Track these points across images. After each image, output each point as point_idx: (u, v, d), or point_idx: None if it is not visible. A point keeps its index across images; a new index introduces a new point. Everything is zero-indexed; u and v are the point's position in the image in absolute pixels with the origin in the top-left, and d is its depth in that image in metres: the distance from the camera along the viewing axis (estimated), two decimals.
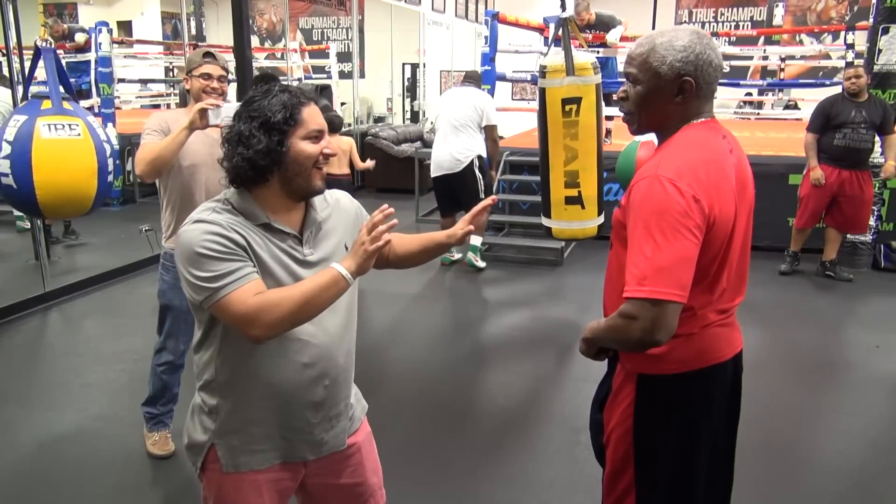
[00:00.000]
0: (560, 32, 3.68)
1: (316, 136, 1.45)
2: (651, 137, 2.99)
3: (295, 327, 1.41)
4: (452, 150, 5.29)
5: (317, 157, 1.45)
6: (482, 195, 5.36)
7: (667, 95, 1.47)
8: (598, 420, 1.67)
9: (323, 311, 1.43)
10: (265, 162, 1.40)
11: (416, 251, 1.76)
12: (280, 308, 1.33)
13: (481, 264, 5.58)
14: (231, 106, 2.47)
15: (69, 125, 3.13)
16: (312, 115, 1.45)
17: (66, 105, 3.21)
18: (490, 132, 5.34)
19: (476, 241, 5.59)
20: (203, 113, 2.44)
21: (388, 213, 1.39)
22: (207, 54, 2.65)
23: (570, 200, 3.78)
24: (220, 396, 1.50)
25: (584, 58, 3.70)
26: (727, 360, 1.55)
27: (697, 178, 1.38)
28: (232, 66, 3.17)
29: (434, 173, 5.46)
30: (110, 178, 3.35)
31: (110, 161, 3.33)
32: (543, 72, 3.74)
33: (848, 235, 5.53)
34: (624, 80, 1.55)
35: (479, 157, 5.33)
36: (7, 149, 3.05)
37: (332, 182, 5.38)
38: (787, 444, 3.04)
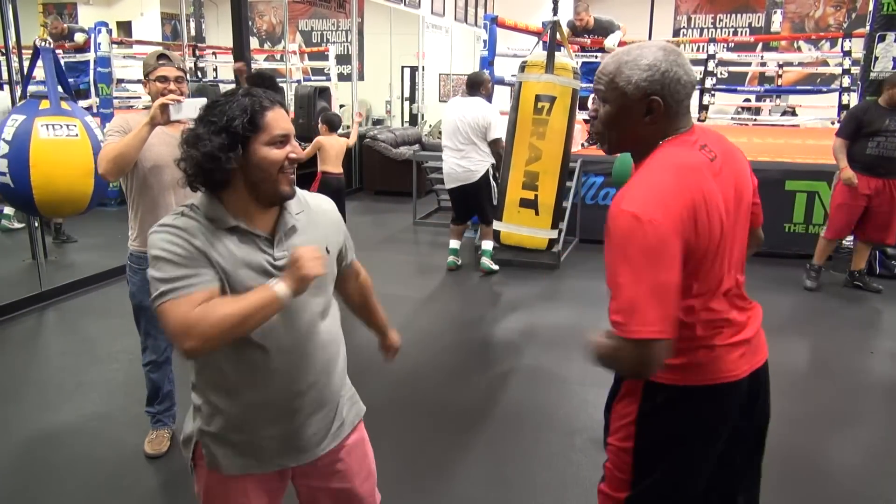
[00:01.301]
0: (549, 35, 3.70)
1: (281, 141, 1.41)
2: None
3: (228, 342, 1.36)
4: (464, 163, 5.33)
5: (282, 163, 1.41)
6: (495, 202, 5.49)
7: (635, 115, 1.44)
8: (606, 420, 1.66)
9: (306, 314, 1.45)
10: (210, 165, 1.37)
11: (358, 307, 1.91)
12: (210, 322, 1.30)
13: (495, 267, 5.65)
14: (192, 101, 2.47)
15: (67, 125, 3.14)
16: (277, 120, 1.41)
17: (64, 105, 3.22)
18: (495, 146, 5.34)
19: (488, 245, 5.65)
20: (164, 108, 2.43)
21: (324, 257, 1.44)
22: (162, 56, 2.61)
23: (524, 203, 3.72)
24: (203, 399, 1.51)
25: (567, 60, 3.71)
26: (741, 378, 1.51)
27: (663, 203, 1.34)
28: (210, 66, 3.17)
29: (449, 185, 5.50)
30: None
31: None
32: (523, 66, 3.73)
33: (846, 241, 5.55)
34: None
35: (492, 166, 5.42)
36: (4, 148, 3.07)
37: (328, 180, 5.44)
38: (792, 451, 3.05)
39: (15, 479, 2.76)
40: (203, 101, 2.48)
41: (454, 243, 5.69)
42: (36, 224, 5.10)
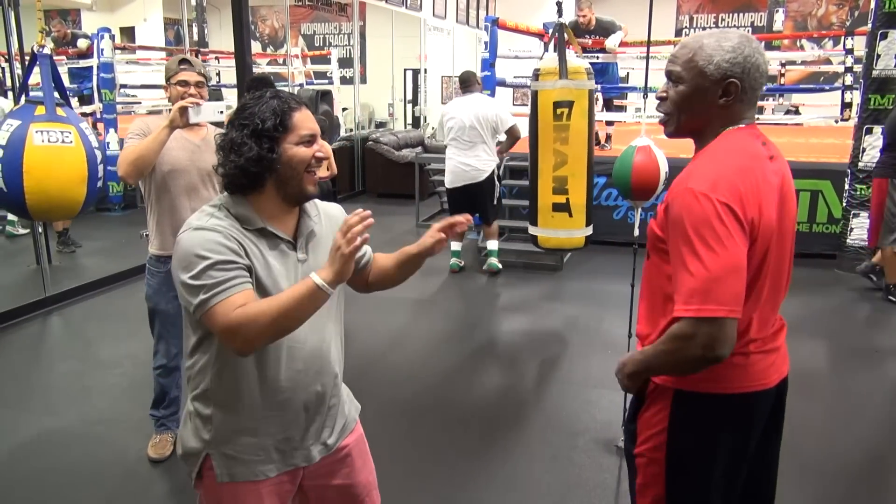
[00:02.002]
0: (556, 37, 3.69)
1: (308, 141, 1.45)
2: (647, 142, 3.01)
3: (276, 340, 1.40)
4: (472, 162, 5.33)
5: (309, 161, 1.45)
6: (496, 202, 5.51)
7: (711, 97, 1.42)
8: (632, 430, 1.62)
9: (315, 317, 1.42)
10: (256, 169, 1.41)
11: (392, 268, 1.71)
12: (258, 323, 1.31)
13: (500, 266, 5.69)
14: (211, 105, 2.49)
15: (61, 132, 3.13)
16: (304, 120, 1.45)
17: (59, 111, 3.21)
18: (513, 132, 5.37)
19: (493, 245, 5.67)
20: (183, 111, 2.45)
21: (365, 215, 1.34)
22: (183, 61, 2.65)
23: (557, 207, 3.75)
24: (214, 405, 1.49)
25: (579, 62, 3.71)
26: (771, 387, 1.50)
27: (733, 187, 1.34)
28: (213, 71, 3.19)
29: (452, 184, 5.47)
30: (99, 183, 3.37)
31: (100, 167, 3.34)
32: (536, 74, 3.74)
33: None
34: (665, 79, 1.49)
35: (497, 166, 5.46)
36: None
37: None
38: (799, 454, 3.04)
39: (20, 485, 2.76)
40: (222, 104, 2.51)
41: (455, 245, 5.69)
42: (40, 230, 5.12)
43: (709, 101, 1.43)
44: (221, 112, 2.45)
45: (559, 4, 3.74)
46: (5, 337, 4.29)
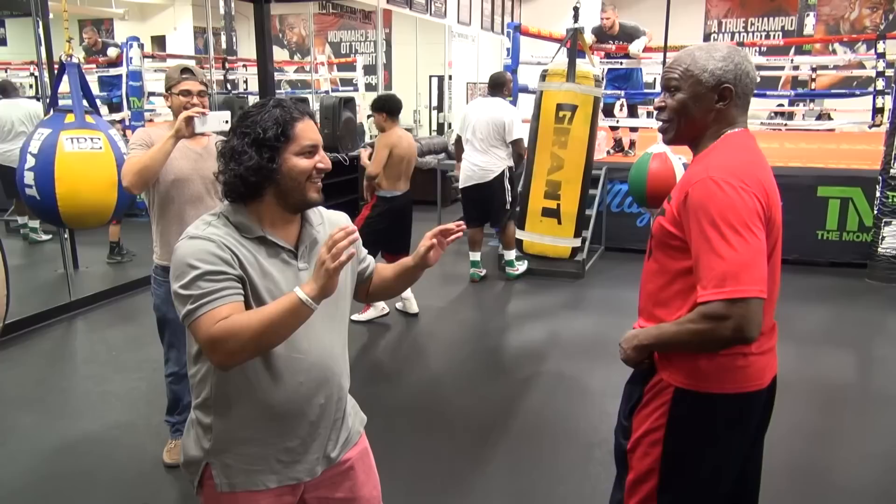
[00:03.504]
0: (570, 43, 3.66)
1: (310, 152, 1.44)
2: (664, 149, 2.96)
3: (259, 354, 1.38)
4: (482, 162, 5.26)
5: (310, 172, 1.44)
6: (508, 207, 5.36)
7: (708, 102, 1.52)
8: (626, 427, 1.66)
9: (318, 328, 1.42)
10: (255, 178, 1.40)
11: (392, 279, 1.70)
12: (239, 337, 1.30)
13: (520, 271, 5.61)
14: (216, 115, 2.50)
15: (91, 138, 3.19)
16: (306, 131, 1.43)
17: (88, 119, 3.27)
18: (516, 146, 5.29)
19: (510, 255, 5.60)
20: (189, 120, 2.46)
21: (351, 230, 1.32)
22: (185, 70, 2.66)
23: (546, 212, 3.72)
24: (215, 415, 1.48)
25: (589, 68, 3.67)
26: (765, 387, 1.55)
27: (752, 175, 1.43)
28: (241, 79, 3.21)
29: (463, 184, 5.41)
30: None
31: None
32: (544, 75, 3.71)
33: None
34: (660, 91, 1.60)
35: (509, 168, 5.31)
36: (31, 161, 3.12)
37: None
38: (813, 465, 2.95)
39: (36, 487, 2.80)
40: (227, 114, 2.52)
41: (474, 255, 5.61)
42: (66, 235, 5.21)
43: (706, 106, 1.53)
44: (226, 122, 2.47)
45: (576, 9, 3.72)
46: (30, 341, 4.37)
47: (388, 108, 4.52)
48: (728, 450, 1.56)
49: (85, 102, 3.39)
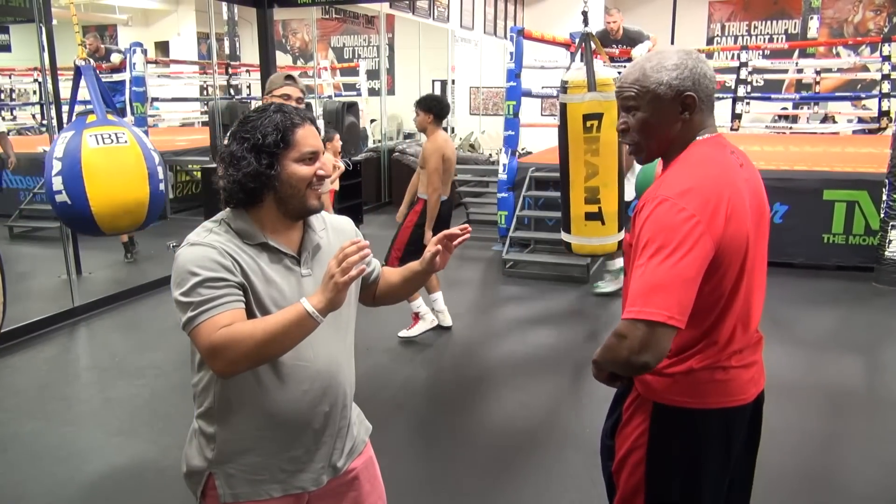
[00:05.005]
0: (583, 48, 3.65)
1: (310, 158, 1.42)
2: None
3: (261, 364, 1.36)
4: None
5: (310, 180, 1.42)
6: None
7: (671, 115, 1.43)
8: (610, 446, 1.64)
9: (323, 336, 1.40)
10: (254, 185, 1.39)
11: (399, 284, 1.69)
12: (241, 346, 1.28)
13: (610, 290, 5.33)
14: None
15: (115, 134, 3.11)
16: (306, 137, 1.42)
17: (110, 116, 3.23)
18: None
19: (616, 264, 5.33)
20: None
21: (363, 245, 1.29)
22: (289, 77, 2.83)
23: (590, 216, 3.76)
24: (218, 424, 1.46)
25: (607, 73, 3.66)
26: (749, 402, 1.51)
27: (703, 197, 1.34)
28: (244, 84, 3.24)
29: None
30: (161, 185, 3.29)
31: (160, 169, 3.29)
32: (565, 87, 3.72)
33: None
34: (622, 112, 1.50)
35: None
36: (58, 165, 3.02)
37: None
38: (821, 470, 2.92)
39: (37, 495, 2.78)
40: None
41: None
42: (69, 239, 5.20)
43: (670, 120, 1.44)
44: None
45: (585, 14, 3.70)
46: (33, 347, 4.35)
47: (436, 110, 4.29)
48: (713, 467, 1.50)
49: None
